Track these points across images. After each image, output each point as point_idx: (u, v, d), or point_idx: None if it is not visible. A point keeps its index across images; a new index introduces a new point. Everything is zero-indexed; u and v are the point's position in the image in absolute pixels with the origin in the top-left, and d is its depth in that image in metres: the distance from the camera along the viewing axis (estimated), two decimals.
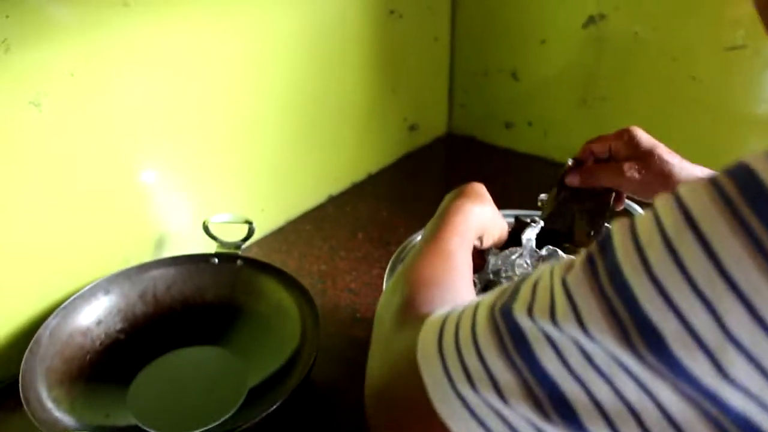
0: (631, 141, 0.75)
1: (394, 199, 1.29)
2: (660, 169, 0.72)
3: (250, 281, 0.94)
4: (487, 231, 0.71)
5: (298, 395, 0.74)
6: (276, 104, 1.10)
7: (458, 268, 0.59)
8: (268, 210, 1.17)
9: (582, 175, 0.81)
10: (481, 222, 0.68)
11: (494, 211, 0.72)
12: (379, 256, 1.11)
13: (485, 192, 0.73)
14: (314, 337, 0.83)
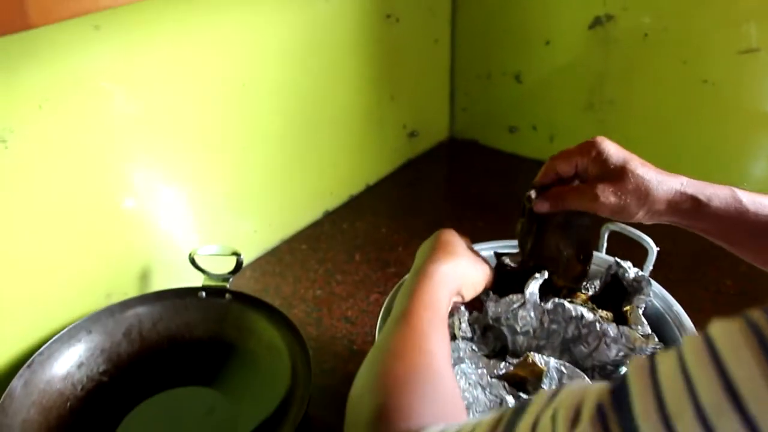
0: (599, 157, 0.66)
1: (394, 214, 1.24)
2: (636, 186, 0.64)
3: (240, 317, 0.89)
4: (464, 286, 0.66)
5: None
6: (266, 120, 1.05)
7: (433, 353, 0.54)
8: (262, 231, 1.12)
9: (550, 201, 0.72)
10: (455, 281, 0.64)
11: (468, 261, 0.68)
12: (377, 280, 1.06)
13: (456, 240, 0.69)
14: (306, 381, 0.78)
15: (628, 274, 0.76)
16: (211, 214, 1.02)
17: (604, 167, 0.65)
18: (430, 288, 0.60)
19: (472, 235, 1.18)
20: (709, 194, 0.63)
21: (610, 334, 0.66)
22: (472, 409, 0.65)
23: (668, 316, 0.72)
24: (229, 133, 1.00)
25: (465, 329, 0.71)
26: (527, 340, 0.70)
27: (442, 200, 1.30)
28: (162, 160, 0.92)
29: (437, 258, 0.64)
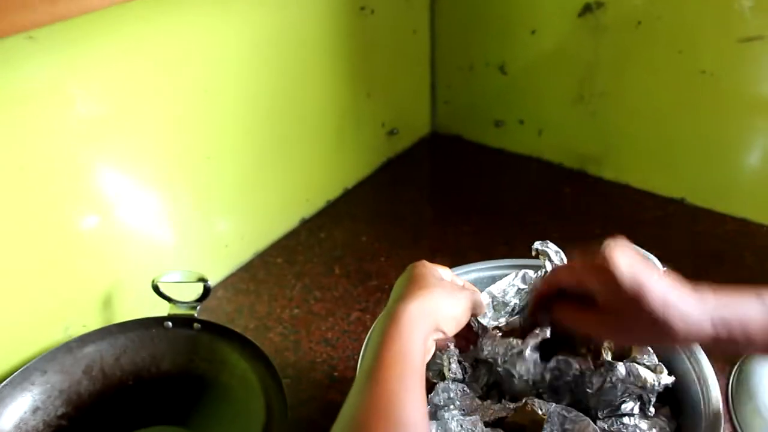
0: (610, 284, 0.55)
1: (374, 219, 1.16)
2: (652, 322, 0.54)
3: (210, 348, 0.83)
4: (442, 320, 0.58)
5: None
6: (233, 126, 0.97)
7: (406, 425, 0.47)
8: (233, 245, 1.05)
9: (554, 317, 0.64)
10: (428, 318, 0.56)
11: (443, 291, 0.59)
12: (358, 295, 0.99)
13: (429, 272, 0.61)
14: (282, 420, 0.71)
15: None
16: (178, 230, 0.95)
17: (615, 296, 0.56)
18: (400, 333, 0.53)
19: (458, 241, 1.13)
20: (741, 317, 0.55)
21: (617, 375, 0.60)
22: None
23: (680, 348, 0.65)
24: (193, 143, 0.92)
25: (455, 370, 0.65)
26: (526, 386, 0.63)
27: (425, 203, 1.23)
28: (120, 174, 0.85)
29: (407, 295, 0.57)
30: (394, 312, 0.55)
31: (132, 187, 0.87)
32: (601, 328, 0.58)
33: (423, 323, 0.55)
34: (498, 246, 1.06)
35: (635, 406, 0.62)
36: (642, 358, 0.64)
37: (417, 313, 0.55)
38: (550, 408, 0.58)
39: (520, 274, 0.69)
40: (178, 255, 0.96)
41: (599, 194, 1.20)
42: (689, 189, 1.14)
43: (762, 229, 1.08)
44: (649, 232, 1.07)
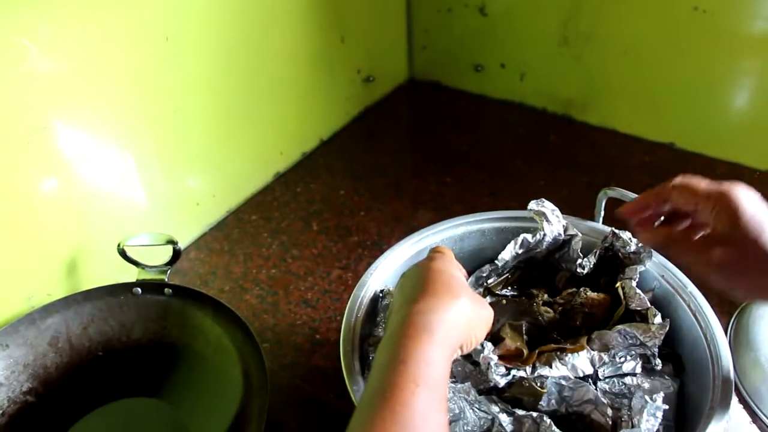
0: (732, 217, 0.49)
1: (352, 172, 1.11)
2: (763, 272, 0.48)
3: (183, 313, 0.78)
4: (467, 340, 0.49)
5: None
6: (198, 76, 0.91)
7: None
8: (205, 203, 0.99)
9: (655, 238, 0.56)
10: (457, 335, 0.47)
11: (472, 303, 0.49)
12: (338, 252, 0.95)
13: (453, 269, 0.52)
14: (263, 390, 0.68)
15: (628, 246, 0.65)
16: (145, 190, 0.89)
17: (732, 230, 0.49)
18: (422, 350, 0.43)
19: (441, 193, 1.09)
20: None
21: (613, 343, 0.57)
22: (460, 424, 0.56)
23: (681, 298, 0.62)
24: (156, 96, 0.86)
25: None
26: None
27: (405, 153, 1.18)
28: (79, 133, 0.78)
29: (429, 300, 0.47)
30: (412, 322, 0.45)
31: (93, 145, 0.80)
32: (711, 265, 0.50)
33: (451, 339, 0.46)
34: (483, 197, 1.02)
35: (637, 365, 0.58)
36: (632, 302, 0.60)
37: (446, 325, 0.46)
38: (546, 381, 0.55)
39: (519, 240, 0.65)
40: (146, 216, 0.90)
41: (585, 140, 1.16)
42: (678, 133, 1.10)
43: (754, 174, 1.04)
44: (637, 178, 1.03)
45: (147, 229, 0.82)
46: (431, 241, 0.69)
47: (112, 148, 0.83)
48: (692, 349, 0.60)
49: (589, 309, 0.61)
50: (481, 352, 0.55)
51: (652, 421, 0.51)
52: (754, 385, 0.71)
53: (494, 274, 0.66)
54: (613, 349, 0.56)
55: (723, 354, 0.55)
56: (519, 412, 0.54)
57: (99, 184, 0.83)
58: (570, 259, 0.66)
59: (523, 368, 0.54)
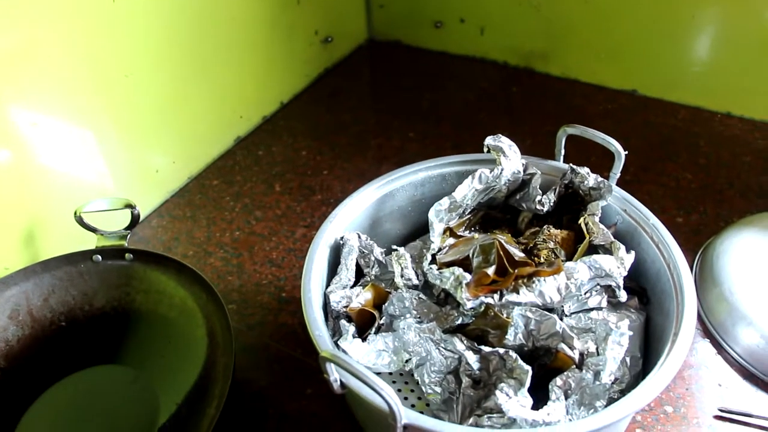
0: None
1: (314, 133, 1.10)
2: None
3: (146, 278, 0.77)
4: None
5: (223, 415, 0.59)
6: (150, 39, 0.88)
7: None
8: (164, 170, 0.97)
9: None
10: None
11: None
12: (302, 211, 0.94)
13: None
14: (228, 349, 0.67)
15: (587, 181, 0.65)
16: (101, 158, 0.87)
17: None
18: None
19: (404, 148, 1.08)
20: None
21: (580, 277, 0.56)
22: (426, 366, 0.55)
23: (644, 230, 0.61)
24: (106, 60, 0.83)
25: (409, 276, 0.60)
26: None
27: (367, 112, 1.16)
28: (29, 102, 0.76)
29: None
30: None
31: (44, 115, 0.78)
32: None
33: None
34: (446, 150, 1.01)
35: (602, 299, 0.58)
36: (595, 237, 0.60)
37: None
38: (512, 311, 0.54)
39: (477, 175, 0.64)
40: (103, 185, 0.88)
41: (548, 91, 1.15)
42: (640, 80, 1.10)
43: (715, 116, 1.05)
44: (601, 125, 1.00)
45: (104, 197, 0.80)
46: (392, 188, 0.68)
47: (64, 117, 0.80)
48: (656, 281, 0.59)
49: (553, 245, 0.61)
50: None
51: (618, 349, 0.51)
52: (719, 319, 0.71)
53: (455, 215, 0.65)
54: (578, 279, 0.55)
55: (686, 282, 0.55)
56: (485, 349, 0.53)
57: (53, 154, 0.80)
58: (530, 198, 0.66)
59: (491, 295, 0.54)
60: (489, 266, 0.54)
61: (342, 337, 0.54)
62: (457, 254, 0.58)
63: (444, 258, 0.59)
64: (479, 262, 0.55)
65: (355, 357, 0.54)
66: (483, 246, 0.56)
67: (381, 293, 0.59)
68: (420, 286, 0.61)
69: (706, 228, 0.84)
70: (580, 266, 0.55)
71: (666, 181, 0.93)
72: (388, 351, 0.55)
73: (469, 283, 0.53)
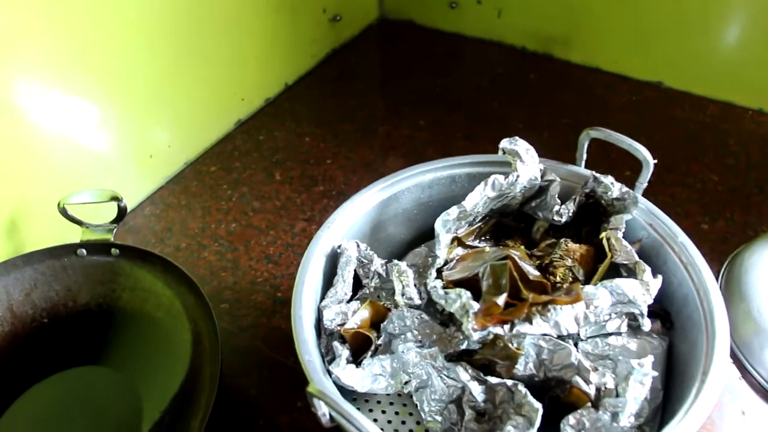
0: None
1: (319, 118, 1.04)
2: None
3: (132, 275, 0.73)
4: None
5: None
6: (147, 16, 0.82)
7: None
8: (159, 155, 0.92)
9: None
10: None
11: None
12: (302, 203, 0.88)
13: None
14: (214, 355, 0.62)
15: (610, 192, 0.59)
16: (92, 142, 0.82)
17: None
18: None
19: (413, 137, 1.02)
20: None
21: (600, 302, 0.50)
22: (426, 393, 0.50)
23: (671, 249, 0.56)
24: (99, 38, 0.78)
25: (411, 294, 0.55)
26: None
27: (375, 96, 1.10)
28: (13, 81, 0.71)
29: None
30: None
31: (28, 97, 0.73)
32: None
33: None
34: (457, 141, 0.96)
35: (622, 323, 0.53)
36: (618, 256, 0.55)
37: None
38: (523, 340, 0.49)
39: (490, 182, 0.58)
40: (94, 171, 0.83)
41: (567, 79, 1.09)
42: (667, 71, 1.03)
43: (746, 113, 0.98)
44: (623, 119, 0.97)
45: (97, 185, 0.76)
46: (396, 190, 0.63)
47: (50, 100, 0.75)
48: (682, 306, 0.54)
49: (571, 262, 0.56)
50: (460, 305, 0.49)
51: (639, 388, 0.45)
52: (745, 338, 0.66)
53: (464, 223, 0.60)
54: (598, 307, 0.50)
55: (718, 314, 0.49)
56: (491, 380, 0.48)
57: (38, 139, 0.75)
58: (547, 207, 0.60)
59: (500, 325, 0.48)
60: (500, 294, 0.48)
61: (335, 362, 0.49)
62: (465, 271, 0.53)
63: (451, 275, 0.53)
64: (489, 286, 0.49)
65: (349, 383, 0.49)
66: (494, 268, 0.50)
67: (380, 311, 0.54)
68: (422, 305, 0.55)
69: (733, 236, 0.79)
70: (601, 292, 0.50)
71: (691, 182, 0.87)
72: (385, 375, 0.50)
73: (477, 313, 0.48)
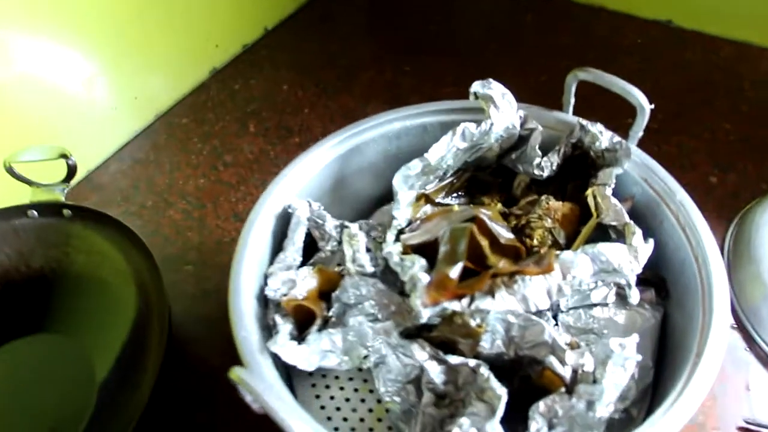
0: None
1: (299, 64, 0.96)
2: None
3: (87, 237, 0.67)
4: None
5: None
6: None
7: None
8: (124, 107, 0.86)
9: None
10: None
11: None
12: (276, 156, 0.82)
13: None
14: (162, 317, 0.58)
15: (599, 142, 0.52)
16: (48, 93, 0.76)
17: None
18: None
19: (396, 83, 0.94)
20: None
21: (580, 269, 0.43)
22: (382, 370, 0.44)
23: (668, 208, 0.49)
24: None
25: (363, 261, 0.48)
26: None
27: (359, 41, 1.02)
28: None
29: None
30: None
31: None
32: None
33: None
34: (445, 87, 0.88)
35: (610, 292, 0.46)
36: (605, 216, 0.48)
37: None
38: (488, 317, 0.43)
39: (459, 131, 0.51)
40: (52, 125, 0.77)
41: (568, 20, 1.00)
42: (677, 8, 0.94)
43: (764, 53, 0.89)
44: (628, 62, 0.88)
45: (55, 141, 0.69)
46: (358, 141, 0.56)
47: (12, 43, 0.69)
48: (679, 273, 0.47)
49: (551, 222, 0.49)
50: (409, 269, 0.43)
51: (620, 373, 0.39)
52: (753, 305, 0.60)
53: (433, 178, 0.53)
54: (576, 278, 0.43)
55: (717, 283, 0.43)
56: (452, 359, 0.42)
57: None
58: (528, 160, 0.53)
59: (456, 300, 0.42)
60: (454, 263, 0.41)
61: (272, 338, 0.43)
62: (426, 234, 0.46)
63: (411, 239, 0.47)
64: (445, 254, 0.43)
65: (292, 362, 0.43)
66: (454, 231, 0.43)
67: (331, 278, 0.48)
68: (378, 272, 0.49)
69: (745, 191, 0.71)
70: (581, 259, 0.42)
71: (700, 131, 0.79)
72: (336, 351, 0.44)
73: (429, 285, 0.41)
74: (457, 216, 0.46)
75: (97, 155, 0.84)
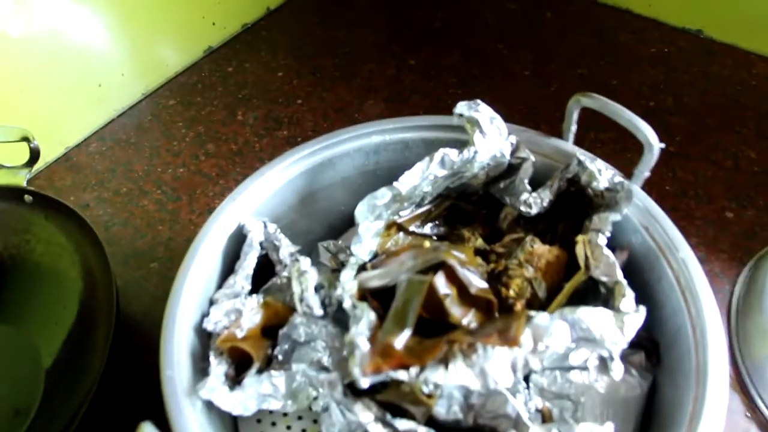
0: None
1: (298, 49, 0.91)
2: None
3: (46, 227, 0.64)
4: None
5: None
6: None
7: None
8: (109, 84, 0.81)
9: None
10: None
11: None
12: (261, 150, 0.77)
13: None
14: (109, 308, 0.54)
15: (596, 181, 0.46)
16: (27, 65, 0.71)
17: None
18: None
19: (399, 79, 0.88)
20: None
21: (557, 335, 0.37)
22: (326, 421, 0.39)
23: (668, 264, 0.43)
24: None
25: (311, 302, 0.42)
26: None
27: (365, 27, 0.96)
28: None
29: None
30: None
31: None
32: None
33: None
34: (450, 87, 0.82)
35: (591, 355, 0.40)
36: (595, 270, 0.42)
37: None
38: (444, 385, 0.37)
39: (437, 158, 0.45)
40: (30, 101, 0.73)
41: (589, 21, 0.93)
42: (709, 18, 0.87)
43: None
44: (650, 72, 0.81)
45: (33, 117, 0.69)
46: (330, 154, 0.50)
47: None
48: (673, 340, 0.41)
49: (532, 272, 0.43)
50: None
51: None
52: (758, 363, 0.54)
53: (408, 204, 0.47)
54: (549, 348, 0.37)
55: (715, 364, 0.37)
56: (400, 425, 0.37)
57: None
58: (516, 193, 0.47)
59: (402, 369, 0.36)
60: (401, 330, 0.36)
61: (202, 381, 0.38)
62: (386, 278, 0.40)
63: (369, 280, 0.41)
64: (394, 313, 0.37)
65: (225, 408, 0.38)
66: (410, 285, 0.38)
67: (279, 313, 0.43)
68: (331, 312, 0.43)
69: (764, 231, 0.64)
70: (557, 326, 0.36)
71: (721, 158, 0.72)
72: (278, 396, 0.40)
73: (370, 352, 0.36)
74: (424, 257, 0.41)
75: (78, 132, 0.80)
